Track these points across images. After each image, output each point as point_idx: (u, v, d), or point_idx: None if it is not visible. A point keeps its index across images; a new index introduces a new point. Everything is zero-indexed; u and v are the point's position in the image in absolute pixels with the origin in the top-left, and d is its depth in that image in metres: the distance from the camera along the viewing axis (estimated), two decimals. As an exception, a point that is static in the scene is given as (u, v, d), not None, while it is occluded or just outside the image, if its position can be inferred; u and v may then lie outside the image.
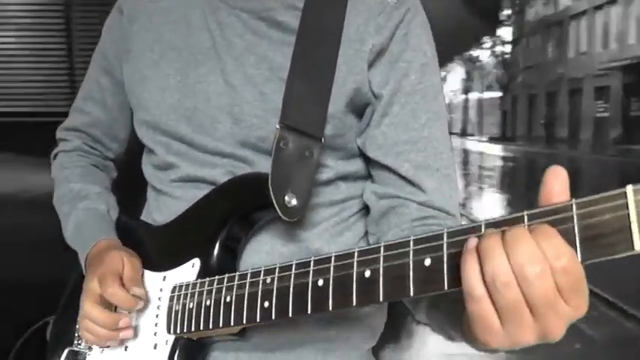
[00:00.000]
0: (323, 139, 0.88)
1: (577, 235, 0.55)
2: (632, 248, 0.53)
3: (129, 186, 1.13)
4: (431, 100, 0.91)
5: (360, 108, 0.92)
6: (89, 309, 0.90)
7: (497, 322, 0.58)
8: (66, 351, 1.01)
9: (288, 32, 0.90)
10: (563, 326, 0.58)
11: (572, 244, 0.55)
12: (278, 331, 0.92)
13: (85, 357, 0.99)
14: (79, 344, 1.01)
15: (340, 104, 0.89)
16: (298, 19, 0.90)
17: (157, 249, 0.96)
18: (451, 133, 1.01)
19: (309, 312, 0.73)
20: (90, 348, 0.99)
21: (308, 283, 0.73)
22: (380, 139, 0.91)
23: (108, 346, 0.96)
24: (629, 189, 0.54)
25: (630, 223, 0.53)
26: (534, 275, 0.55)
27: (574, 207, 0.56)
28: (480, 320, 0.59)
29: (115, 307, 0.92)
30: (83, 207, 1.03)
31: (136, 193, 1.12)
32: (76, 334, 1.01)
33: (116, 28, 1.04)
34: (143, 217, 1.05)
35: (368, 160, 0.95)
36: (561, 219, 0.56)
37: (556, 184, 0.57)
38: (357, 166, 0.95)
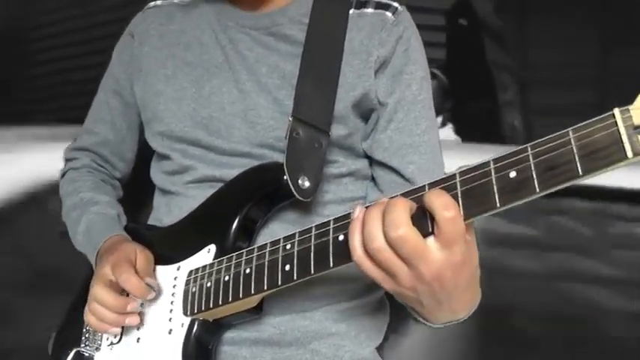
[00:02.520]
0: (330, 133, 0.96)
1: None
2: (626, 157, 0.62)
3: (133, 201, 1.17)
4: (428, 109, 1.03)
5: (366, 112, 1.01)
6: (99, 291, 0.93)
7: (381, 274, 0.70)
8: (73, 352, 1.01)
9: (296, 45, 1.00)
10: (433, 271, 0.68)
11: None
12: (292, 325, 0.96)
13: (93, 358, 0.99)
14: (87, 345, 1.01)
15: (347, 105, 0.98)
16: (304, 33, 1.01)
17: (170, 244, 1.00)
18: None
19: (331, 266, 0.77)
20: (97, 348, 1.00)
21: (329, 240, 0.78)
22: (386, 142, 1.00)
23: (116, 342, 0.97)
24: (616, 111, 0.64)
25: (621, 136, 0.63)
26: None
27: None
28: (370, 275, 0.70)
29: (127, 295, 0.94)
30: (94, 211, 1.07)
31: (140, 209, 1.17)
32: (84, 337, 1.02)
33: (127, 51, 1.12)
34: (150, 223, 1.09)
35: (372, 164, 1.03)
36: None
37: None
38: (363, 164, 1.04)
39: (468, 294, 0.76)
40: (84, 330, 1.03)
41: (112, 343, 0.98)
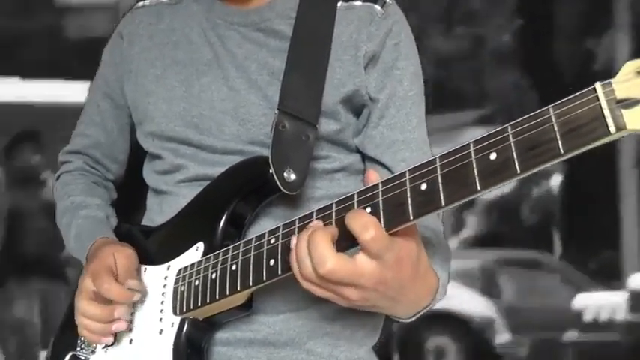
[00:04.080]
0: (320, 128, 0.94)
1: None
2: (609, 132, 0.59)
3: (128, 202, 1.16)
4: (419, 105, 1.01)
5: (357, 108, 0.99)
6: (84, 306, 0.93)
7: (332, 295, 0.75)
8: (69, 355, 1.01)
9: (285, 40, 0.99)
10: (373, 279, 0.73)
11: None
12: (287, 325, 0.95)
13: (89, 360, 0.99)
14: (82, 349, 1.00)
15: (336, 100, 0.97)
16: (292, 27, 0.99)
17: (159, 244, 0.99)
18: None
19: None
20: (93, 351, 1.00)
21: None
22: (378, 138, 0.98)
23: (110, 345, 0.96)
24: (598, 85, 0.61)
25: (603, 110, 0.60)
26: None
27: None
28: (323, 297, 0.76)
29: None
30: (83, 215, 1.06)
31: (135, 210, 1.16)
32: (79, 340, 1.02)
33: (116, 52, 1.11)
34: (143, 224, 1.08)
35: (365, 160, 1.02)
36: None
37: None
38: (355, 159, 1.02)
39: (419, 282, 0.79)
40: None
41: (106, 346, 0.98)
